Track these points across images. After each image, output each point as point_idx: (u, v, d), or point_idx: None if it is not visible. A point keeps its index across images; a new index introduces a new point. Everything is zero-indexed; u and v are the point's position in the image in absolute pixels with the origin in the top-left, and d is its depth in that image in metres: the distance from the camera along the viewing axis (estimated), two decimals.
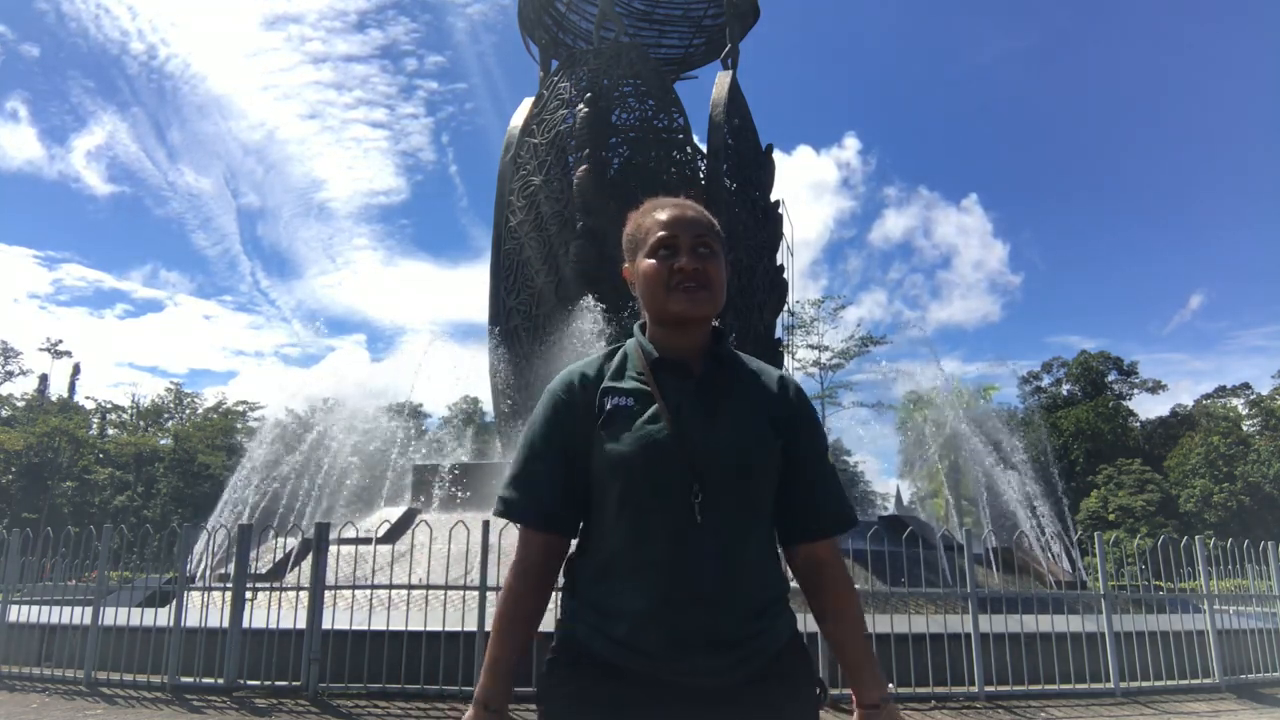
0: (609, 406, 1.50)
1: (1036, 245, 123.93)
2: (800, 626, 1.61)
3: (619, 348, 1.63)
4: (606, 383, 1.54)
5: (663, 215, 1.58)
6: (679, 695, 1.41)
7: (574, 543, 1.57)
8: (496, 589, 6.61)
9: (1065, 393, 55.51)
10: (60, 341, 66.87)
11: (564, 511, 1.51)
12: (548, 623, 1.58)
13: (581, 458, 1.50)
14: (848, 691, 1.48)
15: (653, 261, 1.55)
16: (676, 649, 1.40)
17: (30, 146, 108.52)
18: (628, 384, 1.53)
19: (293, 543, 8.96)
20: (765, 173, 17.79)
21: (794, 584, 1.66)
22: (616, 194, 15.54)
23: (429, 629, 6.65)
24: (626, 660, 1.41)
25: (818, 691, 1.53)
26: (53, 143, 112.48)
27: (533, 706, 1.54)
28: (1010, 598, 7.66)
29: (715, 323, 1.62)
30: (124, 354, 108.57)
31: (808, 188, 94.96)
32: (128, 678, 6.76)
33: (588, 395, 1.53)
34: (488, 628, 6.30)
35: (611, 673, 1.42)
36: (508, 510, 1.52)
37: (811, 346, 43.80)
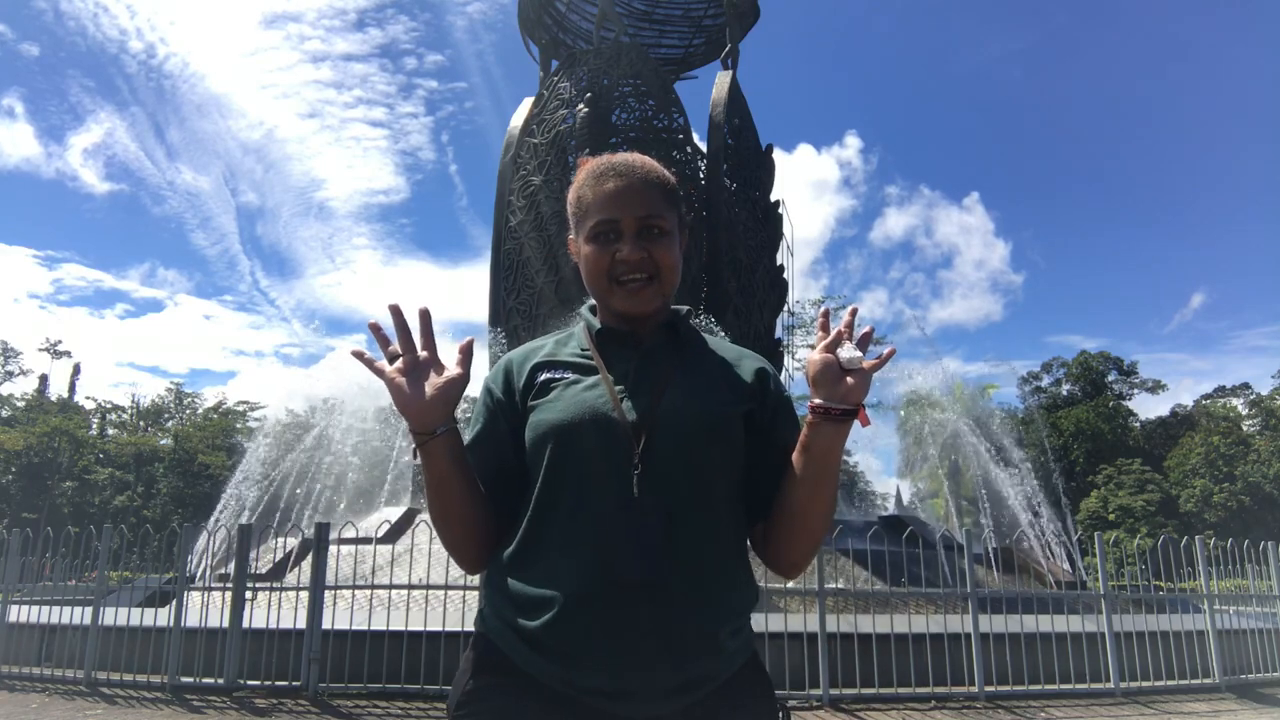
0: (540, 380, 1.36)
1: (1038, 244, 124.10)
2: (799, 626, 1.53)
3: (570, 331, 1.49)
4: (539, 359, 1.40)
5: (606, 189, 1.37)
6: None
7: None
8: None
9: (1065, 393, 55.49)
10: (60, 341, 66.98)
11: (494, 496, 1.35)
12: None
13: (515, 447, 1.36)
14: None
15: (592, 248, 1.38)
16: (608, 656, 1.19)
17: (27, 144, 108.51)
18: (567, 358, 1.39)
19: (293, 543, 8.96)
20: (765, 172, 17.79)
21: (794, 584, 1.55)
22: None
23: (429, 629, 6.64)
24: (541, 669, 1.21)
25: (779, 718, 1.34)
26: (50, 141, 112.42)
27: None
28: (1010, 598, 7.66)
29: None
30: (124, 354, 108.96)
31: (809, 186, 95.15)
32: (128, 678, 6.76)
33: (516, 377, 1.39)
34: None
35: (525, 689, 1.22)
36: None
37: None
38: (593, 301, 1.48)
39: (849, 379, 1.25)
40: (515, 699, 1.23)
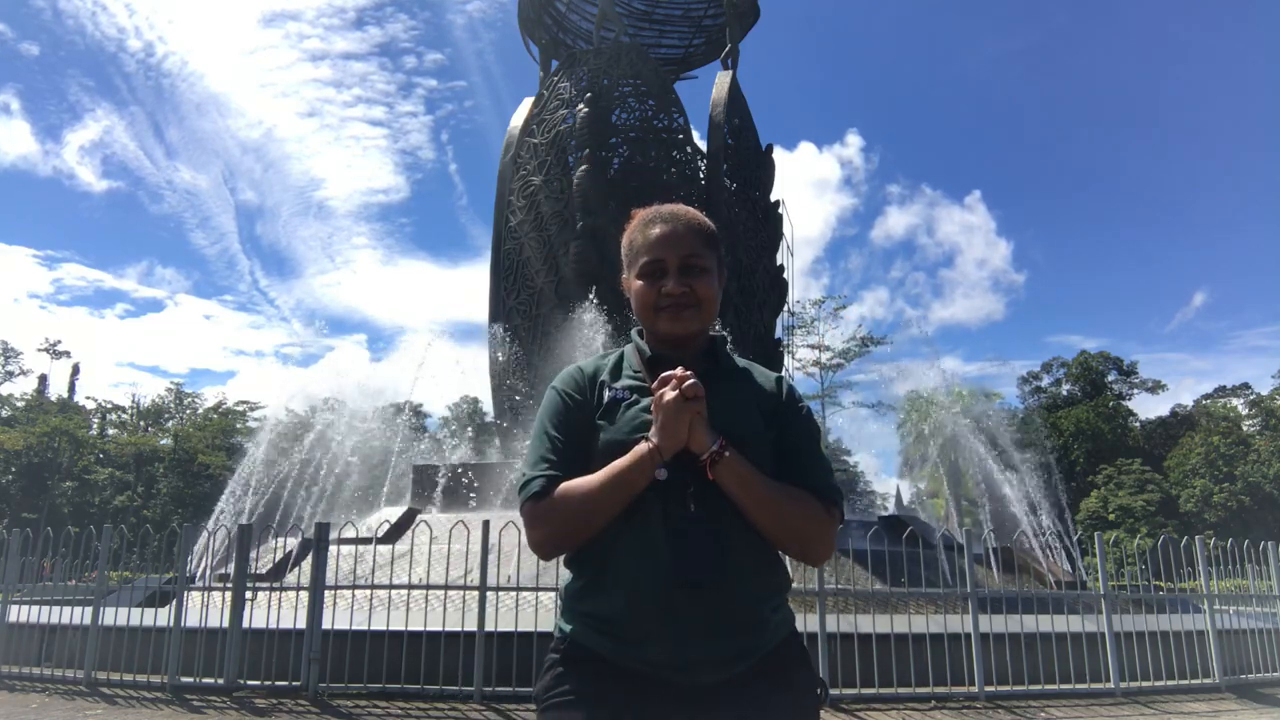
0: (606, 398, 1.56)
1: (1039, 244, 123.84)
2: (799, 626, 1.58)
3: (618, 351, 1.69)
4: (604, 377, 1.60)
5: (653, 233, 1.60)
6: (674, 694, 1.40)
7: None
8: (496, 589, 6.62)
9: (1065, 393, 55.48)
10: (59, 341, 66.87)
11: None
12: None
13: (586, 450, 1.53)
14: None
15: (641, 283, 1.61)
16: (672, 635, 1.40)
17: (24, 141, 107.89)
18: (624, 381, 1.59)
19: (293, 543, 8.95)
20: (765, 172, 17.80)
21: (795, 584, 1.63)
22: (616, 194, 15.54)
23: (429, 629, 6.65)
24: (620, 655, 1.42)
25: (817, 691, 1.51)
26: (47, 139, 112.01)
27: (533, 707, 1.52)
28: (1010, 598, 7.66)
29: (718, 329, 1.64)
30: (124, 354, 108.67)
31: (810, 185, 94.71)
32: (128, 678, 6.75)
33: (588, 389, 1.59)
34: (488, 628, 6.36)
35: (606, 672, 1.43)
36: (543, 489, 1.48)
37: (812, 346, 43.82)
38: (638, 328, 1.70)
39: None
40: (597, 680, 1.44)
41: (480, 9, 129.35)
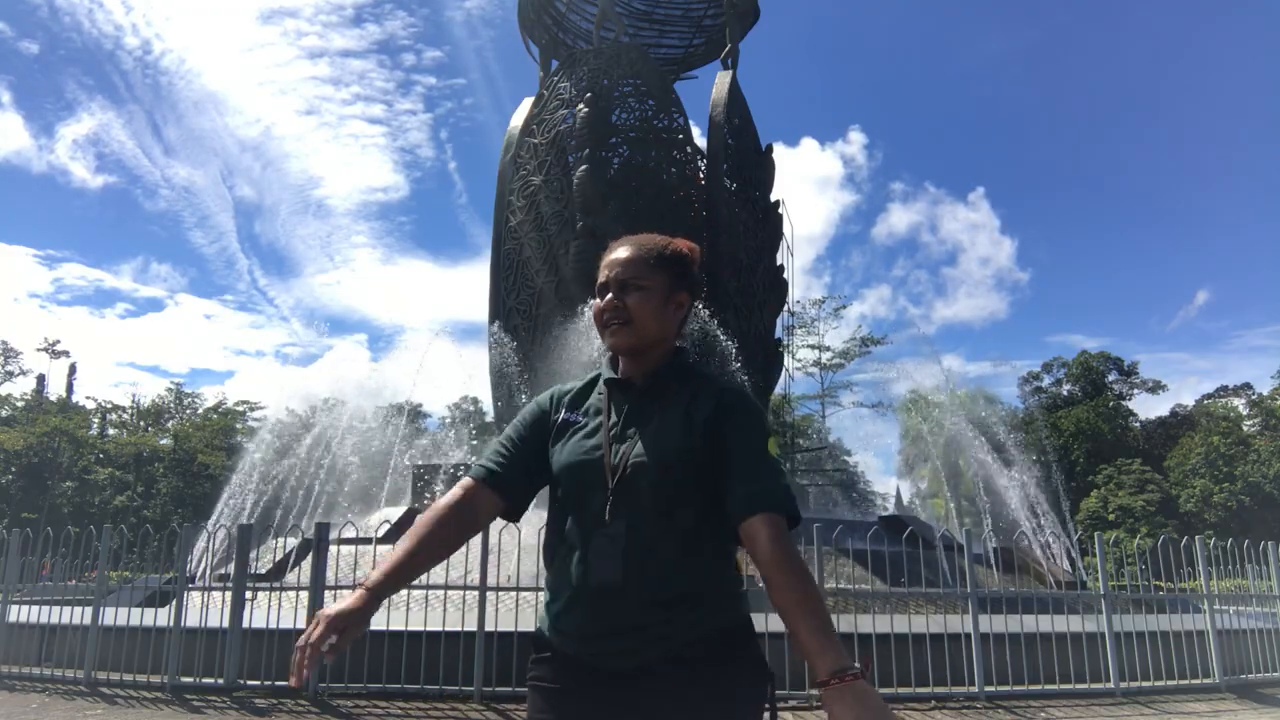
0: (559, 421, 1.74)
1: (1044, 242, 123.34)
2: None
3: (596, 372, 1.85)
4: (567, 400, 1.78)
5: (606, 257, 1.76)
6: (602, 677, 1.58)
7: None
8: (496, 589, 6.63)
9: (1065, 393, 55.49)
10: (58, 341, 66.68)
11: (512, 480, 1.72)
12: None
13: (539, 460, 1.74)
14: None
15: (595, 302, 1.77)
16: (587, 633, 1.59)
17: (17, 136, 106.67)
18: (592, 401, 1.76)
19: (293, 543, 8.95)
20: (765, 172, 17.81)
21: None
22: (616, 194, 15.56)
23: (429, 629, 6.65)
24: (562, 644, 1.63)
25: (754, 685, 1.57)
26: (42, 135, 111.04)
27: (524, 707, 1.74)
28: (1010, 598, 7.67)
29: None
30: (124, 354, 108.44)
31: (812, 182, 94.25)
32: (128, 678, 6.76)
33: (550, 411, 1.78)
34: (488, 627, 6.36)
35: (557, 659, 1.64)
36: (475, 472, 1.73)
37: (812, 346, 43.88)
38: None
39: None
40: (549, 666, 1.67)
41: (479, 6, 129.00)
